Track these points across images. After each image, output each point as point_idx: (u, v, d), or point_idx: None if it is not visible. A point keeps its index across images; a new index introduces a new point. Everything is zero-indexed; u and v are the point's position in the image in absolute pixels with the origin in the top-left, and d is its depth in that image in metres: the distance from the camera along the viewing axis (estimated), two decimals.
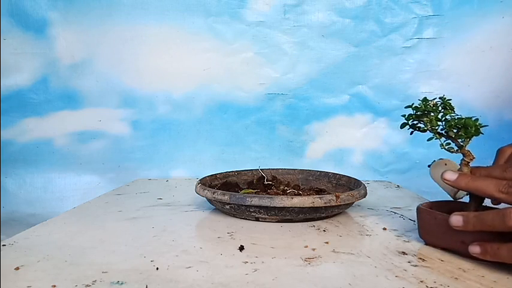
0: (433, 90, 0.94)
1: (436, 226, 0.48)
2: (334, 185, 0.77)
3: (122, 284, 0.38)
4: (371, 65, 0.96)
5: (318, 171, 0.81)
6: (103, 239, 0.53)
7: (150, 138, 1.01)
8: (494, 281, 0.39)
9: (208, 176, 0.75)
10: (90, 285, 0.38)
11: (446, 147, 0.49)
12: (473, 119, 0.47)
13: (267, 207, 0.58)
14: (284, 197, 0.57)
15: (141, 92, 0.99)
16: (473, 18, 0.91)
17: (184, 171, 1.02)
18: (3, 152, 0.99)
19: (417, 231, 0.51)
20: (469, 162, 0.49)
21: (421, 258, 0.46)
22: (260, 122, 1.00)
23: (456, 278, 0.40)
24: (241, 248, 0.49)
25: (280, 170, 0.83)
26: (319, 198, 0.58)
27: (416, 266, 0.44)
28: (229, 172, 0.80)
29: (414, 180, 0.97)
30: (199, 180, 0.70)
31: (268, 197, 0.57)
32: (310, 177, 0.82)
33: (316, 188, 0.77)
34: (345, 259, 0.46)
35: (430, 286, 0.38)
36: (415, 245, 0.50)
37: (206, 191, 0.63)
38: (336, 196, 0.58)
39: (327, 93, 0.98)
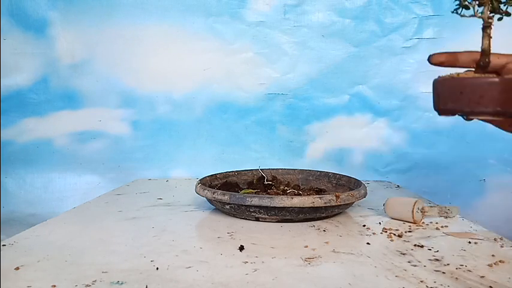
0: None
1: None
2: (334, 185, 0.77)
3: (121, 284, 0.38)
4: (371, 65, 0.96)
5: (318, 171, 0.81)
6: (103, 239, 0.53)
7: (150, 138, 1.01)
8: (495, 281, 0.39)
9: (208, 176, 0.75)
10: (90, 285, 0.38)
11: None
12: None
13: (267, 207, 0.58)
14: (284, 197, 0.57)
15: (141, 92, 0.99)
16: (473, 18, 0.91)
17: (184, 171, 1.02)
18: (3, 152, 0.99)
19: (417, 231, 0.51)
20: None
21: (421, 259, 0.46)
22: (260, 122, 1.00)
23: (456, 278, 0.40)
24: (241, 248, 0.49)
25: (280, 170, 0.83)
26: (319, 198, 0.58)
27: (416, 266, 0.44)
28: (229, 172, 0.80)
29: (414, 180, 0.97)
30: (199, 180, 0.70)
31: (268, 197, 0.57)
32: (310, 177, 0.82)
33: (316, 188, 0.77)
34: (345, 259, 0.46)
35: (430, 286, 0.38)
36: (415, 245, 0.50)
37: (206, 191, 0.63)
38: (336, 196, 0.58)
39: (327, 93, 0.98)
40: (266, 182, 0.77)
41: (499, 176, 0.93)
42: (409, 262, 0.45)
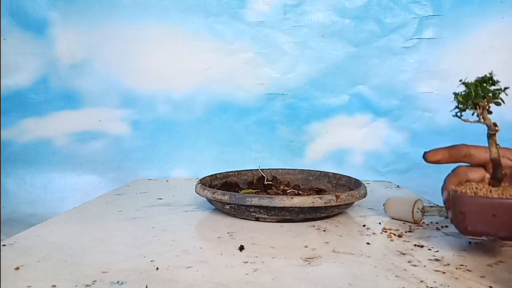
0: (433, 90, 0.94)
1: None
2: (334, 185, 0.77)
3: (122, 284, 0.38)
4: (371, 65, 0.96)
5: (318, 171, 0.81)
6: (103, 239, 0.53)
7: (150, 138, 1.01)
8: (495, 281, 0.39)
9: (208, 176, 0.75)
10: (90, 285, 0.38)
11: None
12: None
13: (267, 207, 0.58)
14: (284, 197, 0.57)
15: (141, 92, 0.99)
16: (473, 18, 0.91)
17: (184, 171, 1.02)
18: (3, 152, 0.99)
19: (417, 231, 0.51)
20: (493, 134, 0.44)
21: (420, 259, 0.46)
22: (260, 122, 1.00)
23: (456, 278, 0.40)
24: (241, 248, 0.49)
25: (280, 170, 0.83)
26: (319, 198, 0.58)
27: (416, 266, 0.44)
28: (229, 172, 0.80)
29: (414, 180, 0.97)
30: (199, 180, 0.70)
31: (268, 197, 0.57)
32: (310, 177, 0.82)
33: (316, 188, 0.77)
34: (345, 259, 0.46)
35: (430, 286, 0.38)
36: (415, 245, 0.50)
37: (206, 191, 0.63)
38: (336, 196, 0.58)
39: (327, 93, 0.98)
40: (266, 182, 0.77)
41: None
42: (409, 262, 0.45)
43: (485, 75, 0.44)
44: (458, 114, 0.45)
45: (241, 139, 1.01)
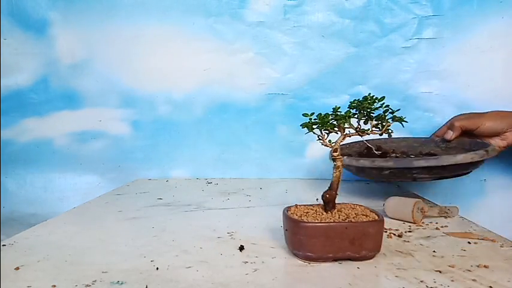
0: (432, 90, 0.94)
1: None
2: (443, 148, 0.80)
3: (122, 284, 0.38)
4: (371, 65, 0.96)
5: (422, 137, 0.85)
6: (103, 239, 0.53)
7: (150, 138, 1.01)
8: (495, 281, 0.39)
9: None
10: (90, 285, 0.38)
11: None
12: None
13: (430, 167, 0.62)
14: (449, 156, 0.62)
15: (141, 92, 0.99)
16: (473, 18, 0.91)
17: (184, 171, 1.02)
18: (3, 152, 0.99)
19: (417, 231, 0.51)
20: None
21: (420, 259, 0.46)
22: (260, 122, 1.00)
23: (456, 278, 0.40)
24: (241, 248, 0.49)
25: (383, 140, 0.84)
26: (475, 154, 0.62)
27: (416, 266, 0.44)
28: (344, 145, 0.81)
29: None
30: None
31: (434, 158, 0.62)
32: (415, 144, 0.85)
33: (427, 152, 0.80)
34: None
35: (430, 286, 0.38)
36: (415, 245, 0.50)
37: (362, 160, 0.67)
38: (485, 151, 0.63)
39: (327, 93, 0.98)
40: (376, 152, 0.76)
41: (500, 176, 0.93)
42: (409, 262, 0.45)
43: (367, 96, 0.52)
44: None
45: (241, 139, 1.01)
